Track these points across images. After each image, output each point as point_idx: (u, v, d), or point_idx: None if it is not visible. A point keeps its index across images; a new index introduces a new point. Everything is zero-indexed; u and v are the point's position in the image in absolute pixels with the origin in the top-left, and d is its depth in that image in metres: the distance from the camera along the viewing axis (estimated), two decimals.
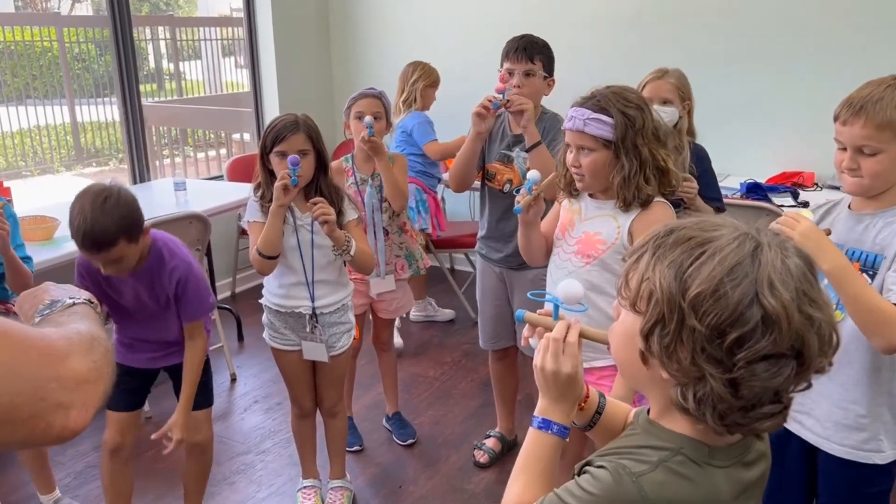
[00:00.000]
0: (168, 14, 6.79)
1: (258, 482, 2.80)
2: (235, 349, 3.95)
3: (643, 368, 0.91)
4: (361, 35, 5.12)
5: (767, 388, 0.83)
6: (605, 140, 1.76)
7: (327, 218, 2.18)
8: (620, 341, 0.96)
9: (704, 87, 4.16)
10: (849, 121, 1.51)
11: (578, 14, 4.33)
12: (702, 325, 0.83)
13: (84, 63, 6.32)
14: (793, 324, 0.82)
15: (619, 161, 1.77)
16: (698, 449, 0.91)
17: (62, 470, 2.85)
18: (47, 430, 0.72)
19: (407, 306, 2.95)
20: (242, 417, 3.29)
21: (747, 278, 0.82)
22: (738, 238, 0.86)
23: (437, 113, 4.39)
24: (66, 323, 0.85)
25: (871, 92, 1.50)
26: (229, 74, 6.78)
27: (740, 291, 0.82)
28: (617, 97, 1.76)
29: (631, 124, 1.74)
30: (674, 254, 0.87)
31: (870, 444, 1.63)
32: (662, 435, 0.94)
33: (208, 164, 6.07)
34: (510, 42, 2.48)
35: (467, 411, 3.28)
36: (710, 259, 0.84)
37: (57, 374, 0.73)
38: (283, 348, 2.42)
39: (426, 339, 4.08)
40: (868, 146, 1.50)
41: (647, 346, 0.88)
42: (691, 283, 0.84)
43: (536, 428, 1.06)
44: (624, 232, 1.82)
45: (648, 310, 0.87)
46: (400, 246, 2.85)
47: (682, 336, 0.84)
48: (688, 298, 0.83)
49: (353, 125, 2.69)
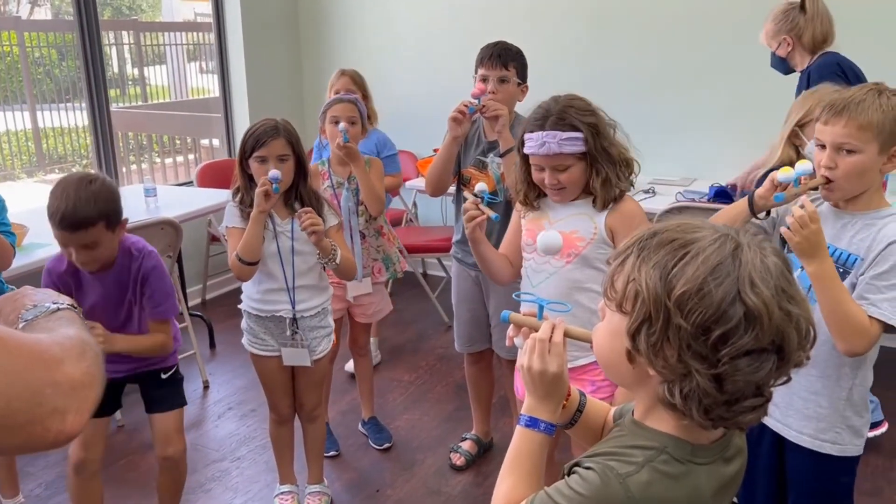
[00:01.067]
0: (132, 18, 6.71)
1: (234, 489, 2.78)
2: (207, 356, 3.91)
3: (629, 367, 0.94)
4: (332, 39, 5.12)
5: (750, 382, 0.87)
6: (580, 153, 1.82)
7: (316, 229, 2.19)
8: (607, 341, 0.98)
9: (675, 92, 4.25)
10: (831, 120, 1.58)
11: (547, 13, 4.39)
12: (687, 322, 0.86)
13: (45, 68, 6.21)
14: (773, 319, 0.85)
15: (595, 167, 1.83)
16: (682, 447, 0.94)
17: (33, 480, 2.80)
18: (44, 435, 0.72)
19: (385, 310, 2.96)
20: (216, 424, 3.26)
21: (729, 277, 0.86)
22: (719, 239, 0.89)
23: (406, 114, 4.42)
24: (54, 328, 0.85)
25: (854, 94, 1.57)
26: (195, 80, 6.71)
27: (723, 290, 0.85)
28: (575, 110, 1.82)
29: (595, 131, 1.82)
30: (658, 255, 0.90)
31: (827, 435, 1.69)
32: (648, 435, 0.96)
33: (176, 170, 6.00)
34: (484, 49, 2.51)
35: (442, 415, 3.30)
36: (694, 259, 0.87)
37: (53, 379, 0.73)
38: (262, 354, 2.41)
39: (401, 343, 4.08)
40: (848, 144, 1.56)
41: (634, 345, 0.91)
42: (676, 283, 0.87)
43: (524, 426, 1.08)
44: (601, 227, 1.87)
45: (635, 310, 0.90)
46: (377, 249, 2.86)
47: (669, 334, 0.87)
48: (673, 298, 0.87)
49: (329, 130, 2.69)
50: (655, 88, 4.13)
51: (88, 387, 0.77)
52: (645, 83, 4.16)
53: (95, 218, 1.92)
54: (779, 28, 2.98)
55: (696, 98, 4.05)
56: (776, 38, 3.00)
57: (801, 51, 2.97)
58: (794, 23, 2.93)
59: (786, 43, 2.98)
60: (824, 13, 2.93)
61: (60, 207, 1.89)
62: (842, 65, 2.86)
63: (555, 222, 1.92)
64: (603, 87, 4.23)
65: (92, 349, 0.81)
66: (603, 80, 4.25)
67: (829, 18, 2.94)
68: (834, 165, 1.59)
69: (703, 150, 4.06)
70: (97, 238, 1.96)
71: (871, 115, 1.53)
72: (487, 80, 2.46)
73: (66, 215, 1.89)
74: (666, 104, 4.12)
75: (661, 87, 4.12)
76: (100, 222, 1.94)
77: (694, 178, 4.05)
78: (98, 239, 1.96)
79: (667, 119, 4.13)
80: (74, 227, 1.91)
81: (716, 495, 0.97)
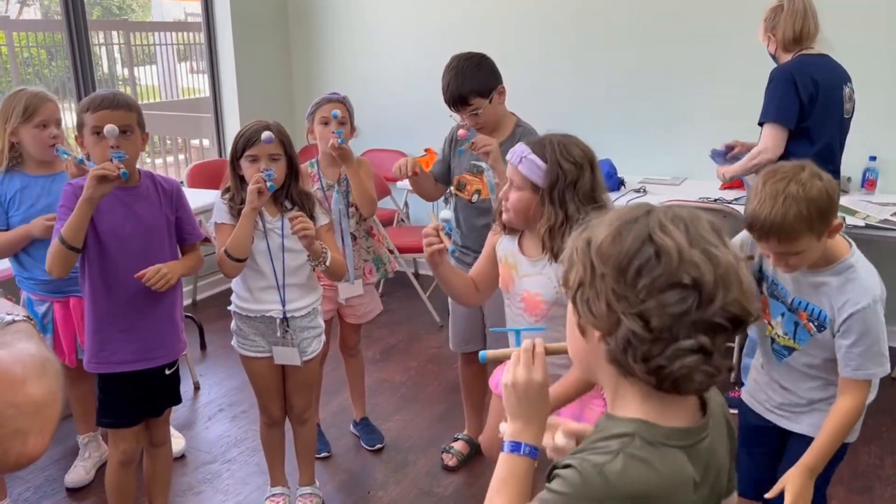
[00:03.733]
0: (122, 18, 6.67)
1: (225, 491, 2.76)
2: (198, 357, 3.90)
3: (586, 346, 0.99)
4: (321, 39, 5.10)
5: (675, 317, 0.90)
6: (533, 183, 1.74)
7: (307, 233, 2.18)
8: (569, 334, 1.04)
9: (666, 91, 4.25)
10: (762, 238, 1.64)
11: (536, 11, 4.39)
12: (607, 267, 0.93)
13: (34, 68, 6.17)
14: (685, 255, 0.90)
15: (544, 209, 1.73)
16: (652, 429, 0.95)
17: (21, 483, 2.78)
18: (4, 459, 0.70)
19: (375, 311, 2.95)
20: (207, 426, 3.24)
21: (639, 223, 0.94)
22: (634, 206, 0.99)
23: (397, 113, 4.41)
24: (11, 343, 0.81)
25: (773, 213, 1.58)
26: (185, 80, 6.68)
27: (635, 234, 0.93)
28: (560, 147, 1.72)
29: (563, 177, 1.70)
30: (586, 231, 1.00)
31: None
32: (619, 423, 0.97)
33: (166, 171, 5.96)
34: (444, 93, 2.47)
35: (434, 415, 3.29)
36: (610, 218, 0.97)
37: (14, 400, 0.71)
38: (253, 355, 2.39)
39: (392, 343, 4.07)
40: (792, 249, 1.63)
41: (576, 312, 0.98)
42: (595, 237, 0.96)
43: (508, 452, 1.10)
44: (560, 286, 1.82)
45: (573, 278, 0.98)
46: (367, 250, 2.85)
47: (597, 287, 0.94)
48: (593, 249, 0.95)
49: (318, 130, 2.68)
50: (647, 87, 4.13)
51: (51, 406, 0.75)
52: (636, 82, 4.16)
53: (133, 105, 2.07)
54: (765, 26, 2.98)
55: (687, 97, 4.05)
56: (765, 36, 3.01)
57: (781, 49, 2.97)
58: (775, 21, 2.93)
59: (770, 41, 2.99)
60: (799, 10, 2.89)
61: (101, 94, 2.04)
62: (795, 73, 2.85)
63: (521, 276, 1.86)
64: (596, 87, 4.26)
65: (53, 366, 0.78)
66: (595, 80, 4.25)
67: (804, 16, 2.89)
68: (786, 264, 1.68)
69: (695, 149, 4.06)
70: (131, 125, 2.04)
71: (796, 226, 1.58)
72: (463, 120, 2.46)
73: (108, 97, 2.03)
74: (657, 103, 4.12)
75: (653, 86, 4.12)
76: (134, 112, 2.06)
77: (685, 177, 4.06)
78: (132, 127, 2.04)
79: (658, 118, 4.13)
80: (115, 106, 2.02)
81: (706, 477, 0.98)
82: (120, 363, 2.15)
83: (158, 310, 2.17)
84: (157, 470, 2.41)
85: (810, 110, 2.85)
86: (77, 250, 2.02)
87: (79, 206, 1.96)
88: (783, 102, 2.85)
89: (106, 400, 2.20)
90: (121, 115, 2.02)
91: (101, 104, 2.01)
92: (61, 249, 2.00)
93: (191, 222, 2.26)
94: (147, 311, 2.15)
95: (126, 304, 2.12)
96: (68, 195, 2.04)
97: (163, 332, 2.20)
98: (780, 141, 2.87)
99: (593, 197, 1.73)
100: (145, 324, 2.15)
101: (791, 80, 2.84)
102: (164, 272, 2.07)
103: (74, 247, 2.00)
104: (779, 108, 2.86)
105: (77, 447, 2.90)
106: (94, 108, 2.01)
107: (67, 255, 2.01)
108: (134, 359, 2.16)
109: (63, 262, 2.02)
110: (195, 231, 2.27)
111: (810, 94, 2.84)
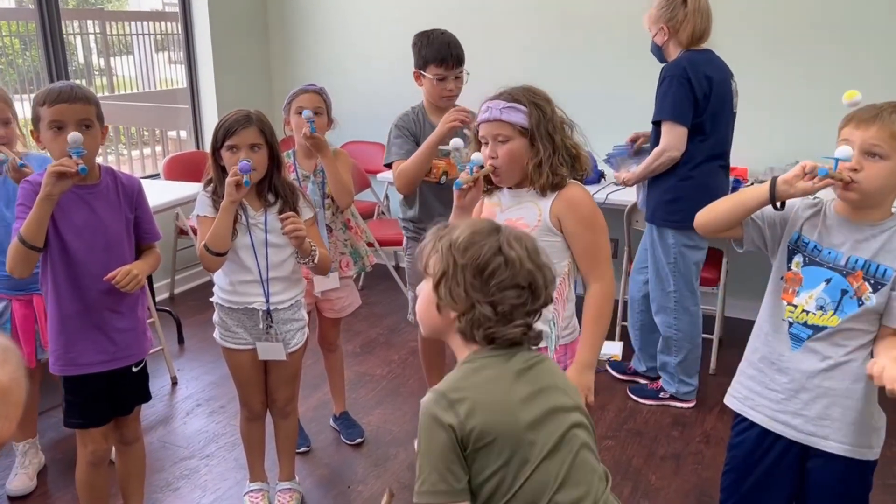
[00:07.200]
0: (98, 8, 6.55)
1: (203, 487, 2.73)
2: (176, 352, 3.85)
3: (440, 321, 1.33)
4: (300, 31, 5.05)
5: (515, 306, 1.29)
6: (521, 127, 1.84)
7: (299, 234, 2.16)
8: (423, 303, 1.37)
9: (652, 86, 4.24)
10: (862, 125, 1.60)
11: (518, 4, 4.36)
12: (466, 260, 1.28)
13: (8, 57, 6.07)
14: (524, 266, 1.29)
15: (535, 147, 1.85)
16: (481, 350, 1.32)
17: None
18: None
19: (353, 305, 2.92)
20: (185, 421, 3.21)
21: (492, 238, 1.30)
22: (484, 221, 1.39)
23: (377, 102, 4.36)
24: None
25: (885, 105, 1.60)
26: (163, 71, 6.59)
27: (489, 245, 1.29)
28: (526, 91, 1.87)
29: (542, 114, 1.85)
30: (446, 235, 1.34)
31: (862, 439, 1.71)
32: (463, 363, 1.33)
33: (143, 163, 5.89)
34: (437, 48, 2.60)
35: (415, 409, 3.23)
36: (467, 227, 1.33)
37: None
38: (235, 347, 2.36)
39: (373, 337, 4.05)
40: (878, 148, 1.58)
41: (438, 296, 1.31)
42: (455, 238, 1.31)
43: None
44: (545, 214, 1.88)
45: (436, 270, 1.31)
46: (344, 243, 2.81)
47: (458, 278, 1.29)
48: (455, 248, 1.29)
49: (294, 121, 2.64)
50: (632, 81, 4.12)
51: (15, 392, 0.75)
52: (621, 77, 4.15)
53: (91, 98, 1.99)
54: (660, 15, 2.98)
55: None
56: (656, 25, 3.01)
57: (674, 43, 2.99)
58: (674, 14, 2.94)
59: (662, 32, 2.99)
60: (705, 9, 2.94)
61: (58, 87, 1.96)
62: (689, 72, 2.88)
63: (505, 209, 1.95)
64: (582, 82, 4.25)
65: (13, 353, 0.78)
66: (579, 75, 4.24)
67: (708, 15, 2.95)
68: (860, 168, 1.60)
69: None
70: (90, 118, 1.98)
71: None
72: (446, 80, 2.58)
73: (65, 89, 1.95)
74: (640, 97, 4.11)
75: (635, 80, 4.11)
76: (93, 105, 1.99)
77: None
78: (91, 121, 1.98)
79: (644, 113, 4.12)
80: (73, 100, 1.94)
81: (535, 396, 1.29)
82: (87, 365, 2.10)
83: (124, 309, 2.12)
84: (131, 467, 2.36)
85: (704, 106, 2.93)
86: (38, 249, 1.95)
87: (37, 204, 1.89)
88: (678, 101, 2.91)
89: (73, 401, 2.14)
90: (79, 109, 1.95)
91: (59, 97, 1.94)
92: (22, 249, 1.93)
93: (149, 222, 2.20)
94: (113, 312, 2.10)
95: (92, 305, 2.07)
96: (27, 193, 1.97)
97: (129, 331, 2.15)
98: (682, 138, 2.94)
99: (563, 122, 1.90)
100: (112, 324, 2.11)
101: (686, 78, 2.89)
102: (135, 273, 2.03)
103: (35, 246, 1.93)
104: (674, 107, 2.92)
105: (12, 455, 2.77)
106: (51, 102, 1.94)
107: (28, 255, 1.94)
108: (101, 360, 2.11)
109: (24, 261, 1.95)
110: (153, 231, 2.21)
111: (704, 92, 2.91)
